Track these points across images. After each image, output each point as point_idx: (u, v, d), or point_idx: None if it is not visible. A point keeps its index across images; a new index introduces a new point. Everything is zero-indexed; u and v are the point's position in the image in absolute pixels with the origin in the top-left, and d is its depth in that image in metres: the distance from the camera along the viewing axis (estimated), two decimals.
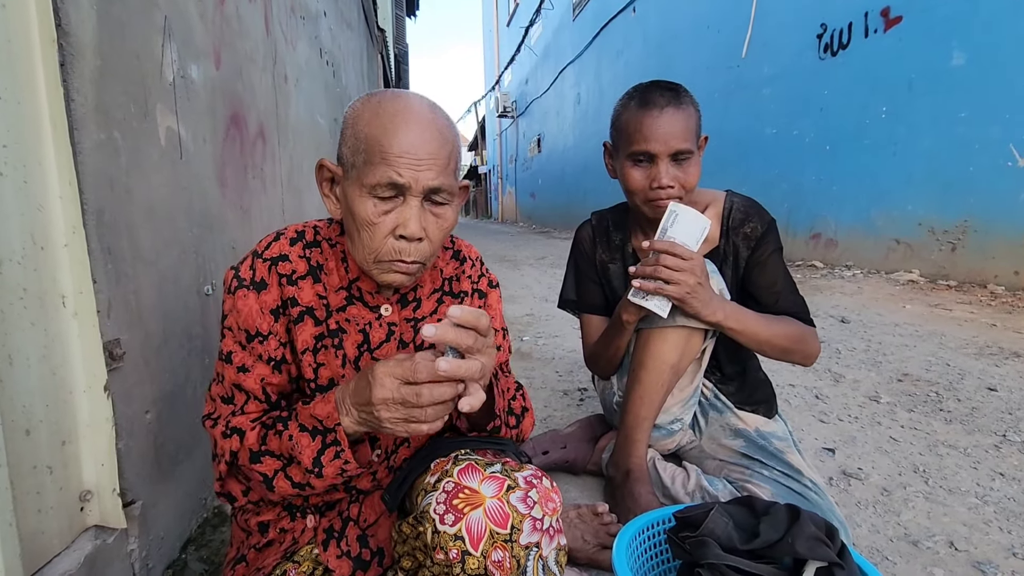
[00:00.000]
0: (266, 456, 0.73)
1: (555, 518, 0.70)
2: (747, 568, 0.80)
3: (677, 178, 1.19)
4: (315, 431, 0.70)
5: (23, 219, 0.76)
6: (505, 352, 0.96)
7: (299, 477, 0.71)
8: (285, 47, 2.29)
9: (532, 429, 0.90)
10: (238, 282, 0.76)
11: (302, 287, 0.78)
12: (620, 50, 10.19)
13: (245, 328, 0.76)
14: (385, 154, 0.69)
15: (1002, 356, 2.45)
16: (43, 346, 0.79)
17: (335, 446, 0.69)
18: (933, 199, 4.21)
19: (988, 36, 3.80)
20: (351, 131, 0.73)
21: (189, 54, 1.24)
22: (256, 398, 0.77)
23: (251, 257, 0.78)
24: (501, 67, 21.52)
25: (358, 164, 0.71)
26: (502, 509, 0.65)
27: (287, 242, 0.79)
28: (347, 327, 0.80)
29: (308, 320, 0.78)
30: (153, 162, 1.06)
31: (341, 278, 0.81)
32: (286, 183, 2.23)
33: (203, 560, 1.13)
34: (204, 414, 0.80)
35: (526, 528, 0.65)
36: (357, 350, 0.81)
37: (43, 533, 0.79)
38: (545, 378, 2.36)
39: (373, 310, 0.83)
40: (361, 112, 0.73)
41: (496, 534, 0.64)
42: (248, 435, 0.74)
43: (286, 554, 0.79)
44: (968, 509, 1.31)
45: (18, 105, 0.75)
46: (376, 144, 0.70)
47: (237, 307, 0.76)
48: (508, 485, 0.67)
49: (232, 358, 0.76)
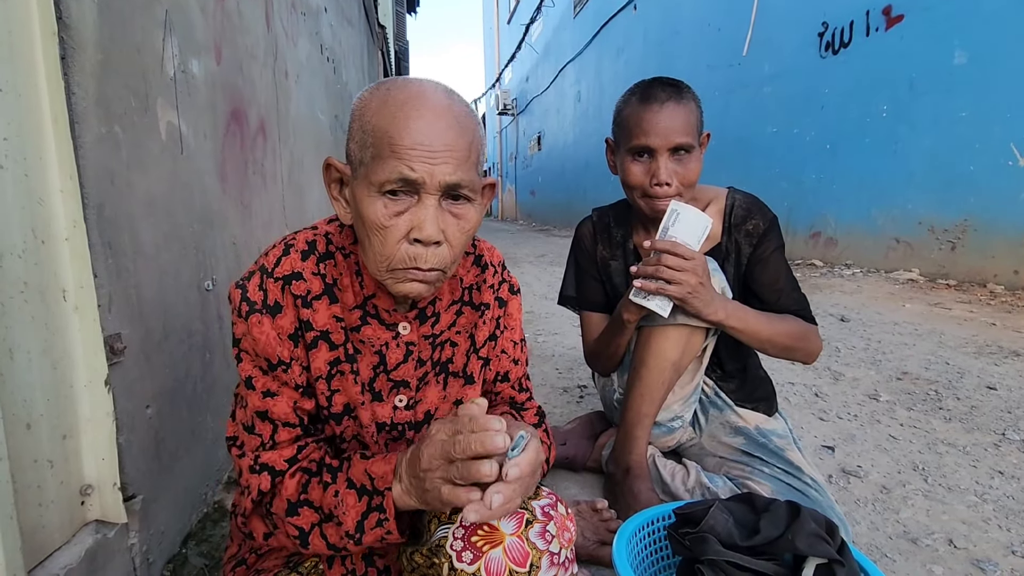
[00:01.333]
0: (305, 507, 0.67)
1: (570, 548, 0.69)
2: (747, 564, 0.80)
3: (676, 174, 1.18)
4: (363, 490, 0.65)
5: (24, 213, 0.75)
6: (523, 366, 0.90)
7: (335, 538, 0.66)
8: (286, 43, 2.28)
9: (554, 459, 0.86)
10: (249, 306, 0.67)
11: (317, 309, 0.70)
12: (621, 48, 10.17)
13: (266, 356, 0.69)
14: (395, 146, 0.61)
15: (1001, 355, 2.46)
16: (44, 340, 0.79)
17: (379, 512, 0.64)
18: (933, 198, 4.21)
19: (990, 35, 3.80)
20: (358, 124, 0.65)
21: (190, 49, 1.24)
22: (288, 424, 0.70)
23: (260, 275, 0.69)
24: (501, 64, 21.49)
25: (366, 160, 0.64)
26: (522, 547, 0.64)
27: (299, 256, 0.70)
28: (362, 348, 0.74)
29: (323, 345, 0.71)
30: (154, 157, 1.05)
31: (356, 295, 0.74)
32: (287, 180, 2.23)
33: (203, 555, 1.13)
34: (228, 436, 0.74)
35: (544, 564, 0.64)
36: (372, 371, 0.75)
37: (44, 527, 0.79)
38: (545, 375, 2.36)
39: (390, 328, 0.75)
40: (369, 102, 0.66)
41: (515, 573, 0.63)
42: (287, 483, 0.68)
43: (288, 563, 0.77)
44: (967, 507, 1.31)
45: (19, 98, 0.75)
46: (385, 136, 0.62)
47: (252, 334, 0.68)
48: (527, 520, 0.66)
49: (254, 383, 0.69)
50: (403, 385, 0.77)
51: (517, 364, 0.88)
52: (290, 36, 2.38)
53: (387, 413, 0.76)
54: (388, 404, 0.76)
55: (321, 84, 3.24)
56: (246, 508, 0.72)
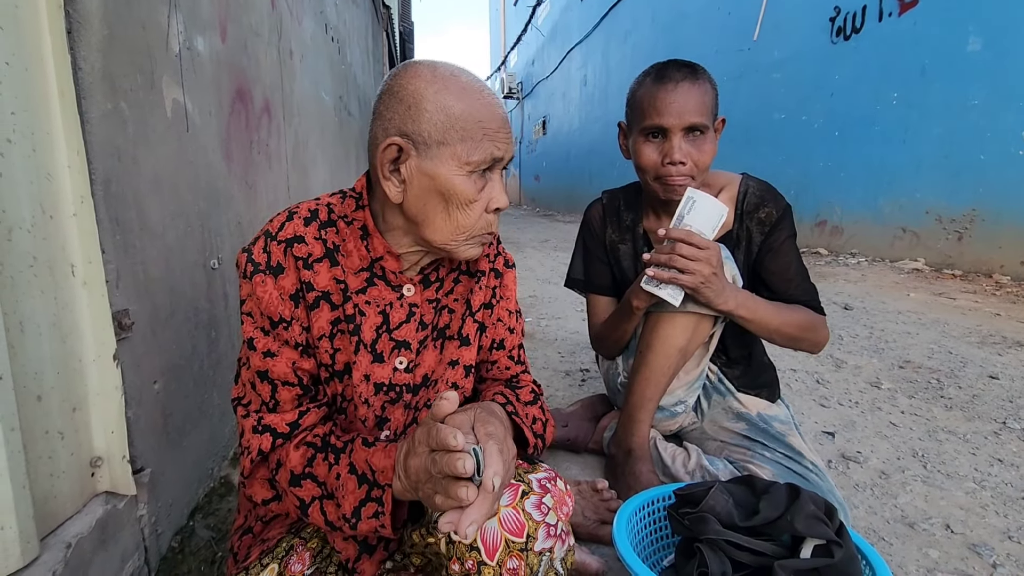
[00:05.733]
0: (308, 480, 0.69)
1: (567, 523, 0.70)
2: (746, 544, 0.81)
3: (690, 155, 1.17)
4: (363, 479, 0.67)
5: (32, 187, 0.76)
6: (518, 335, 0.93)
7: (333, 516, 0.68)
8: (290, 21, 2.26)
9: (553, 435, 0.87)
10: (253, 267, 0.72)
11: (318, 271, 0.74)
12: (628, 31, 10.02)
13: (268, 315, 0.72)
14: (487, 130, 0.69)
15: (1005, 345, 2.45)
16: (53, 314, 0.79)
17: (378, 504, 0.65)
18: (942, 187, 4.17)
19: (1006, 20, 3.73)
20: (432, 106, 0.68)
21: (195, 26, 1.23)
22: (288, 383, 0.74)
23: (264, 239, 0.73)
24: (507, 47, 21.23)
25: (450, 141, 0.68)
26: (517, 518, 0.65)
27: (301, 222, 0.75)
28: (366, 309, 0.77)
29: (324, 305, 0.75)
30: (159, 134, 1.05)
31: (362, 258, 0.77)
32: (291, 159, 2.22)
33: (210, 528, 1.15)
34: (233, 397, 0.77)
35: (540, 535, 0.65)
36: (375, 332, 0.77)
37: (55, 497, 0.80)
38: (547, 359, 2.38)
39: (395, 290, 0.79)
40: (442, 88, 0.69)
41: (512, 543, 0.64)
42: (291, 454, 0.71)
43: (291, 528, 0.79)
44: (965, 493, 1.33)
45: (25, 72, 0.74)
46: (475, 121, 0.69)
47: (256, 293, 0.72)
48: (523, 491, 0.67)
49: (256, 344, 0.73)
50: (404, 346, 0.79)
51: (512, 333, 0.91)
52: (295, 15, 2.35)
53: (386, 374, 0.78)
54: (388, 365, 0.78)
55: (326, 64, 3.22)
56: (245, 468, 0.74)
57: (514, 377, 0.91)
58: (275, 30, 1.99)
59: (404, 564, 0.79)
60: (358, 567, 0.75)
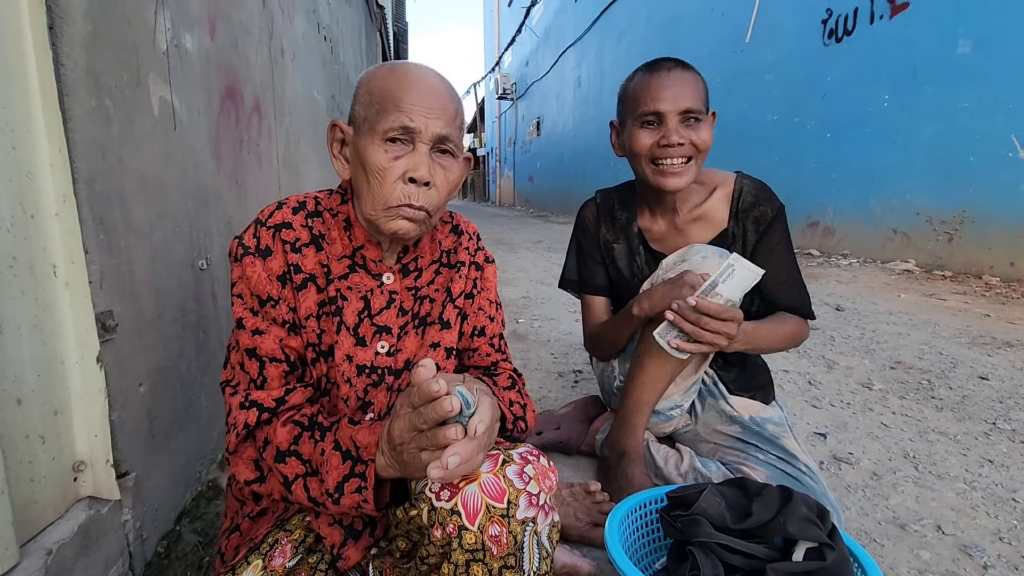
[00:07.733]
0: (292, 458, 0.71)
1: (551, 495, 0.70)
2: (738, 547, 0.81)
3: (688, 137, 1.16)
4: (347, 454, 0.69)
5: (12, 186, 0.74)
6: (499, 325, 0.97)
7: (316, 492, 0.70)
8: (282, 20, 2.24)
9: (535, 421, 0.89)
10: (243, 249, 0.76)
11: (305, 254, 0.79)
12: (623, 32, 10.05)
13: (256, 294, 0.76)
14: (399, 102, 0.73)
15: (995, 346, 2.47)
16: (34, 315, 0.78)
17: (360, 479, 0.67)
18: (933, 189, 4.20)
19: (996, 24, 3.76)
20: (364, 89, 0.78)
21: (183, 22, 1.21)
22: (275, 359, 0.77)
23: (254, 225, 0.79)
24: (501, 48, 21.23)
25: (371, 116, 0.75)
26: (498, 484, 0.65)
27: (289, 211, 0.80)
28: (348, 295, 0.81)
29: (311, 287, 0.79)
30: (146, 132, 1.04)
31: (344, 246, 0.82)
32: (283, 159, 2.20)
33: (197, 532, 1.13)
34: (222, 380, 0.79)
35: (522, 503, 0.65)
36: (357, 317, 0.81)
37: (36, 502, 0.79)
38: (540, 360, 2.37)
39: (376, 278, 0.83)
40: (375, 72, 0.79)
41: (492, 508, 0.64)
42: (278, 431, 0.73)
43: (277, 522, 0.80)
44: (956, 494, 1.33)
45: (5, 67, 0.73)
46: (390, 95, 0.74)
47: (246, 274, 0.76)
48: (503, 460, 0.67)
49: (245, 323, 0.76)
50: (385, 331, 0.83)
51: (493, 321, 0.95)
52: (286, 13, 2.33)
53: (368, 357, 0.81)
54: (371, 349, 0.82)
55: (318, 63, 3.20)
56: (231, 443, 0.76)
57: (494, 364, 0.95)
58: (266, 28, 1.98)
59: (389, 550, 0.79)
60: (343, 553, 0.75)
